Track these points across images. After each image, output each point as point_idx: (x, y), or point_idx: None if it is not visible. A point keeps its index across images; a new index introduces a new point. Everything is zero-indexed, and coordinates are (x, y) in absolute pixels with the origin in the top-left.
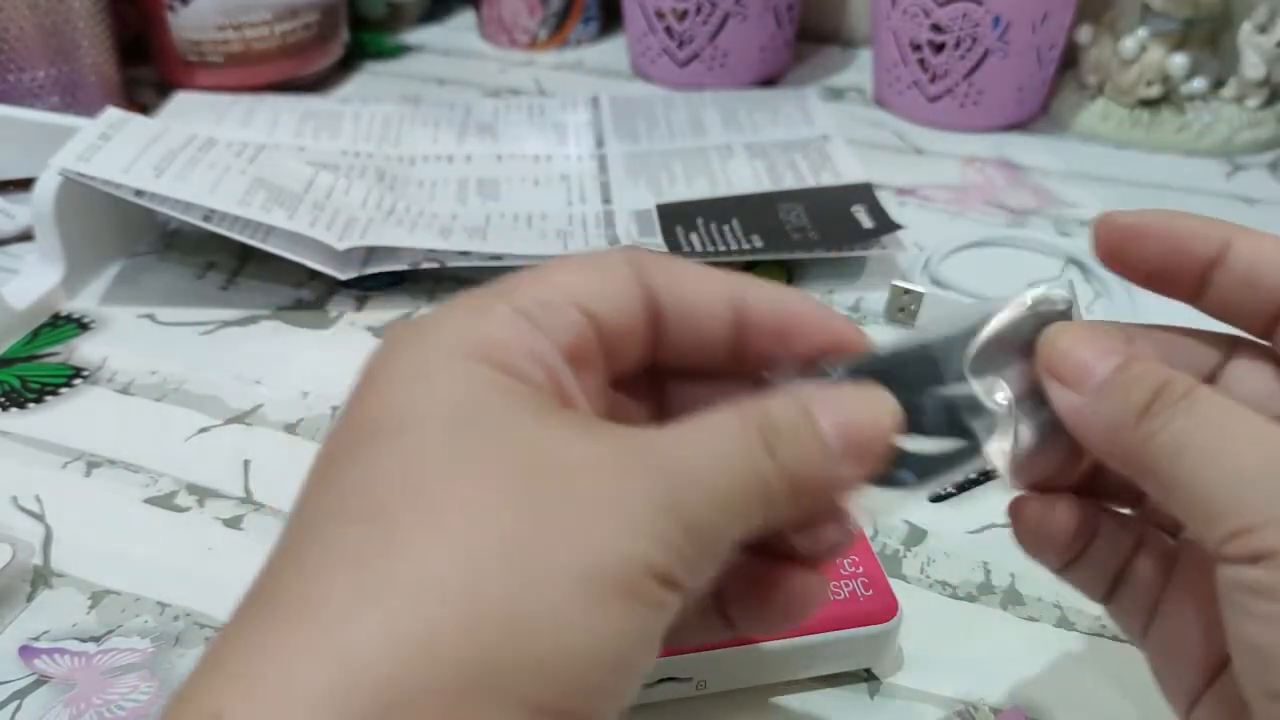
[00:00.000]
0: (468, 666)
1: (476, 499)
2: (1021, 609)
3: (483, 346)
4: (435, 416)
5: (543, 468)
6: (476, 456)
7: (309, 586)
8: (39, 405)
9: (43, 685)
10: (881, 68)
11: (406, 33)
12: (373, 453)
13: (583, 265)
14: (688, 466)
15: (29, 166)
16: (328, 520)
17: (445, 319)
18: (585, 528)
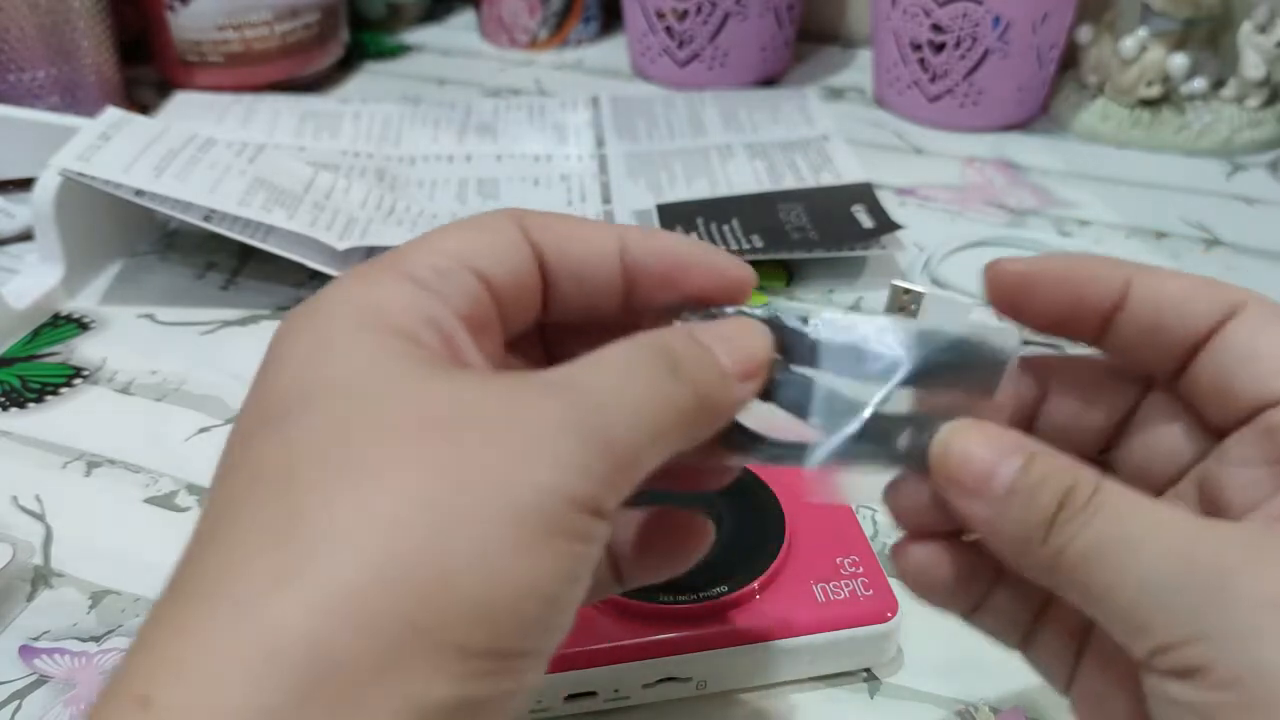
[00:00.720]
0: (393, 621)
1: (388, 459)
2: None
3: (377, 315)
4: (338, 386)
5: (449, 419)
6: (382, 420)
7: (228, 564)
8: (39, 405)
9: (43, 685)
10: (881, 68)
11: (406, 33)
12: (282, 428)
13: (471, 228)
14: (598, 392)
15: (29, 166)
16: (243, 498)
17: (339, 291)
18: (503, 468)
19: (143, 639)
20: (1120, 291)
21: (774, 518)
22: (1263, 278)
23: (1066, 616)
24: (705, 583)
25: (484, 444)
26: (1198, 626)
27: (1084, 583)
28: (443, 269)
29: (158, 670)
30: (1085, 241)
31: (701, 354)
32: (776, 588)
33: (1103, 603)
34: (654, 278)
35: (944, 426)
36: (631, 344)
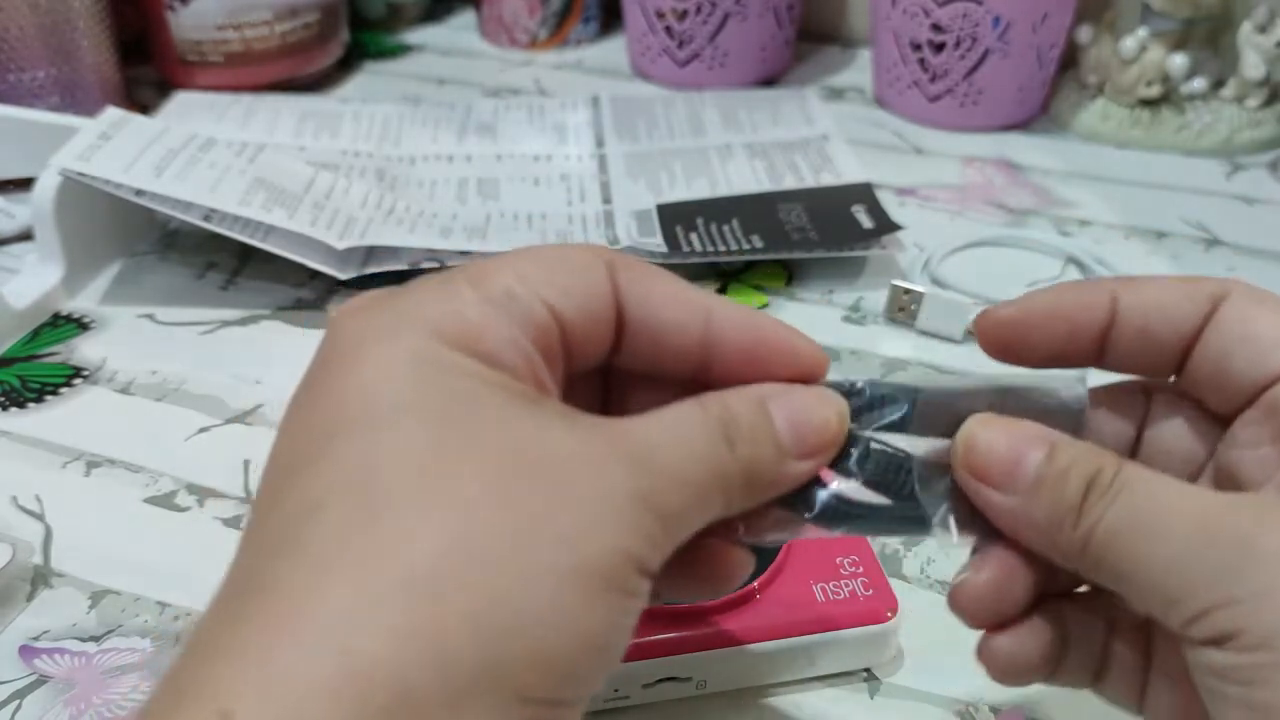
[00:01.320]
0: (469, 662)
1: (469, 494)
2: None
3: (460, 333)
4: (421, 408)
5: (529, 462)
6: (464, 450)
7: (308, 582)
8: (39, 405)
9: (43, 685)
10: (881, 68)
11: (406, 33)
12: (358, 444)
13: (556, 259)
14: (660, 458)
15: (29, 166)
16: (317, 512)
17: (416, 301)
18: (574, 522)
19: (217, 647)
20: (1108, 310)
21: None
22: (1263, 278)
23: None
24: None
25: (559, 493)
26: (1225, 592)
27: (1114, 561)
28: (516, 294)
29: (241, 687)
30: (1085, 241)
31: (762, 426)
32: (776, 588)
33: (1134, 579)
34: (733, 353)
35: (966, 422)
36: (698, 407)
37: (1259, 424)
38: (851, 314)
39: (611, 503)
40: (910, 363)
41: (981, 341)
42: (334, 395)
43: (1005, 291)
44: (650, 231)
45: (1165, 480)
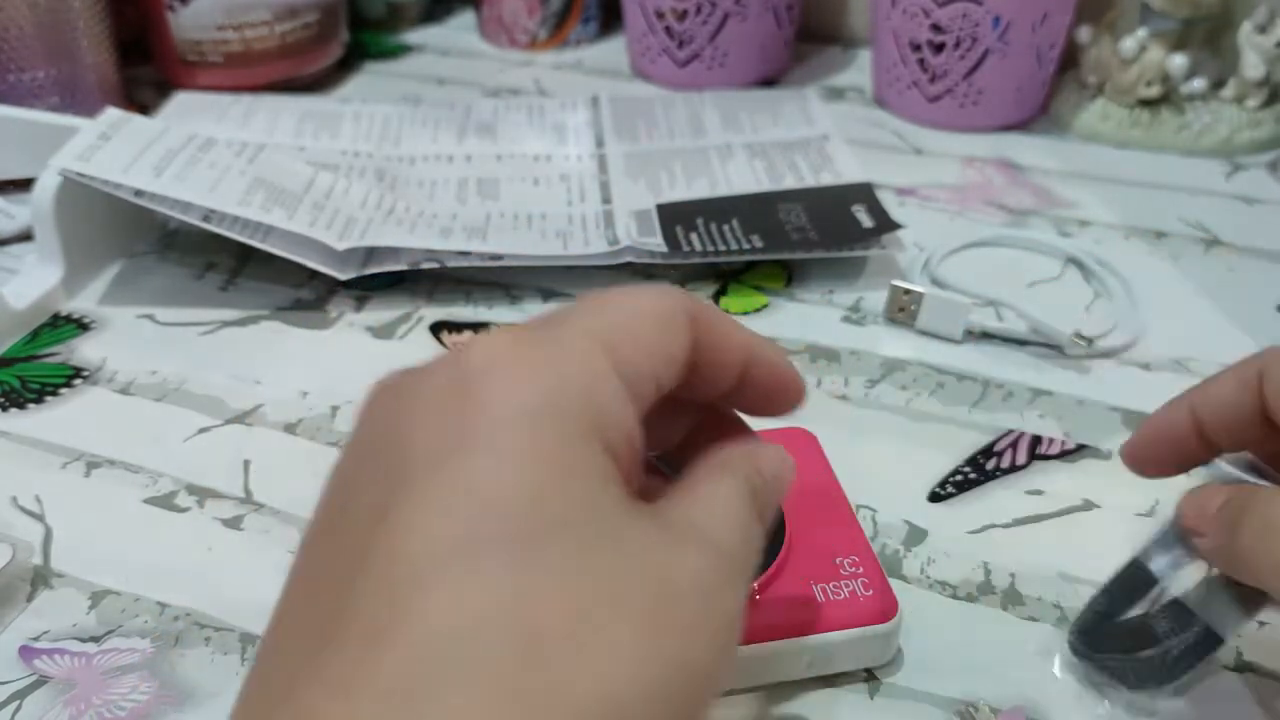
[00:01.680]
0: None
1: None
2: (1021, 609)
3: (595, 424)
4: (572, 522)
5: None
6: (614, 587)
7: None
8: (39, 405)
9: (43, 685)
10: (881, 68)
11: (406, 33)
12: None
13: (659, 323)
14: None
15: (29, 166)
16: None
17: (569, 371)
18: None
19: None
20: (1190, 420)
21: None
22: (1262, 277)
23: None
24: None
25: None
26: None
27: (1260, 567)
28: (641, 371)
29: None
30: (1085, 241)
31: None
32: (776, 588)
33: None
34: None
35: (1184, 496)
36: (742, 492)
37: None
38: (851, 314)
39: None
40: (910, 363)
41: (1130, 467)
42: (454, 491)
43: (1005, 292)
44: (650, 231)
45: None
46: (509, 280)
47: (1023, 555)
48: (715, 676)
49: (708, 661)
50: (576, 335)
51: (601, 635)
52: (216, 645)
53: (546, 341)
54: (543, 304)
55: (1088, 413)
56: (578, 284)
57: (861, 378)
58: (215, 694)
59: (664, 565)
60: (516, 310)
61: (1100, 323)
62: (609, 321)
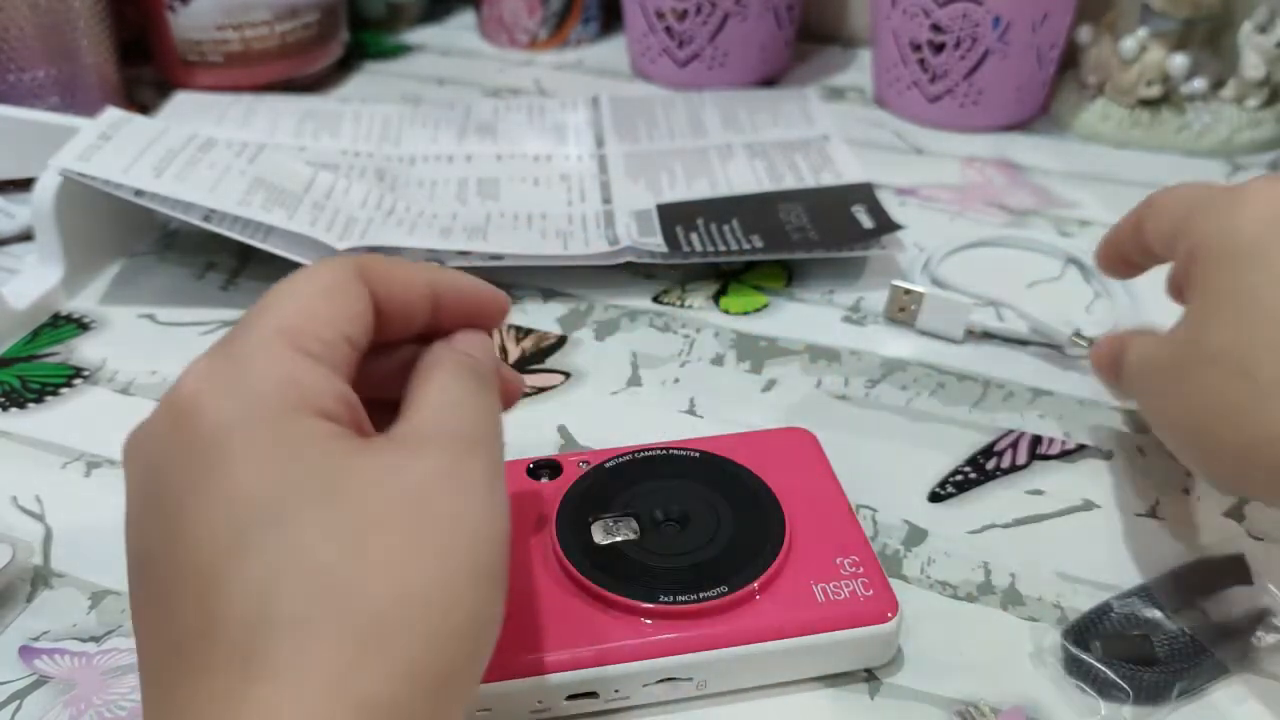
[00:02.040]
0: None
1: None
2: (1021, 609)
3: (300, 400)
4: (305, 493)
5: (404, 512)
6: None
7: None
8: (39, 405)
9: (43, 685)
10: (881, 68)
11: (406, 33)
12: (270, 539)
13: (334, 292)
14: (461, 435)
15: (29, 166)
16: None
17: (255, 375)
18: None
19: None
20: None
21: (774, 518)
22: None
23: None
24: (705, 583)
25: (438, 520)
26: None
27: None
28: (329, 341)
29: None
30: (1085, 242)
31: (489, 363)
32: (776, 588)
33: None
34: (449, 312)
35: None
36: (454, 374)
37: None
38: (851, 314)
39: (467, 526)
40: (910, 363)
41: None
42: (218, 503)
43: (1005, 292)
44: (650, 231)
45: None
46: (509, 280)
47: (1023, 555)
48: (492, 533)
49: (477, 527)
50: (259, 337)
51: (373, 559)
52: None
53: (235, 354)
54: (543, 304)
55: (1088, 413)
56: (578, 284)
57: (861, 378)
58: None
59: (404, 475)
60: (517, 310)
61: (1100, 323)
62: (285, 311)
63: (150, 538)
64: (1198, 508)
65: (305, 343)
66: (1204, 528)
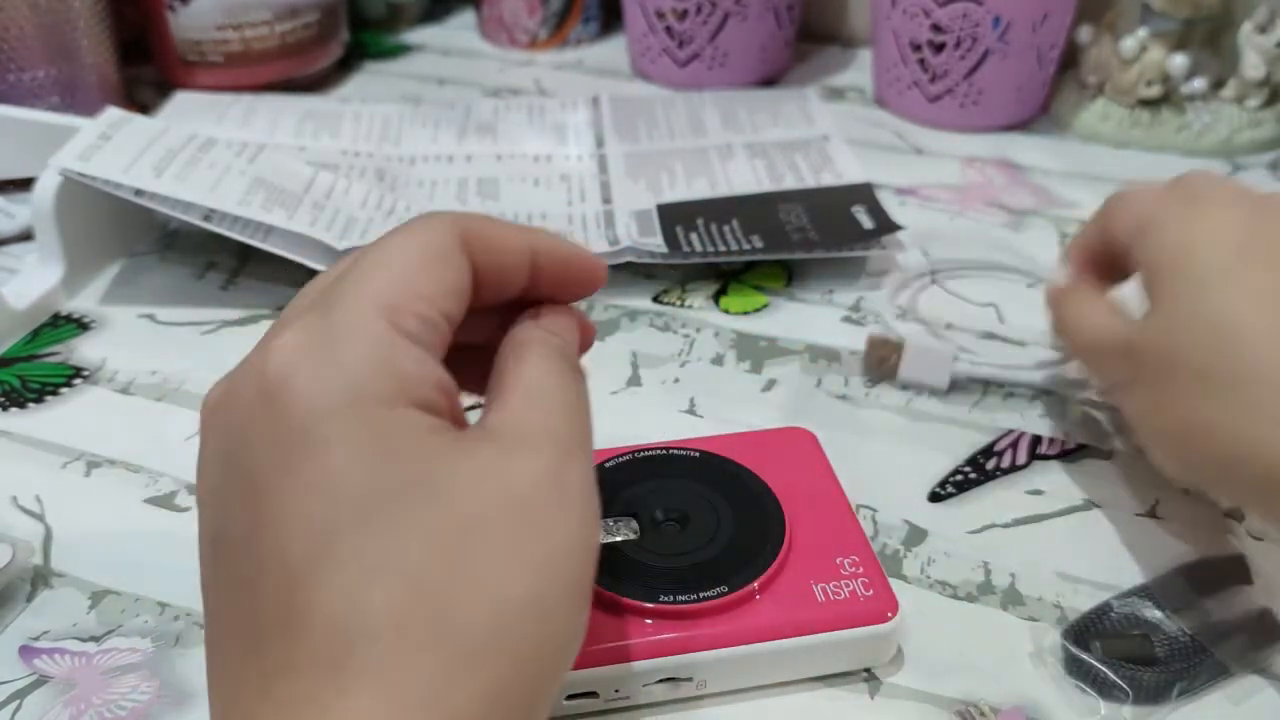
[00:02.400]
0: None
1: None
2: (1021, 609)
3: (396, 391)
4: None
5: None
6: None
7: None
8: (39, 405)
9: (43, 685)
10: (881, 68)
11: (406, 33)
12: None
13: (433, 262)
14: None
15: (29, 166)
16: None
17: (350, 357)
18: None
19: None
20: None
21: (774, 518)
22: None
23: None
24: (705, 583)
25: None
26: None
27: None
28: (429, 320)
29: None
30: None
31: (573, 343)
32: (776, 588)
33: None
34: (548, 277)
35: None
36: (545, 359)
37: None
38: (852, 314)
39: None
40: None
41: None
42: (311, 495)
43: (1004, 295)
44: (650, 231)
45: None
46: None
47: (1023, 555)
48: (586, 546)
49: (574, 540)
50: (357, 312)
51: (471, 570)
52: None
53: (331, 331)
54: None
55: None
56: None
57: (862, 378)
58: None
59: (505, 479)
60: None
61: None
62: (382, 281)
63: (231, 516)
64: (1198, 508)
65: (404, 321)
66: (1204, 528)
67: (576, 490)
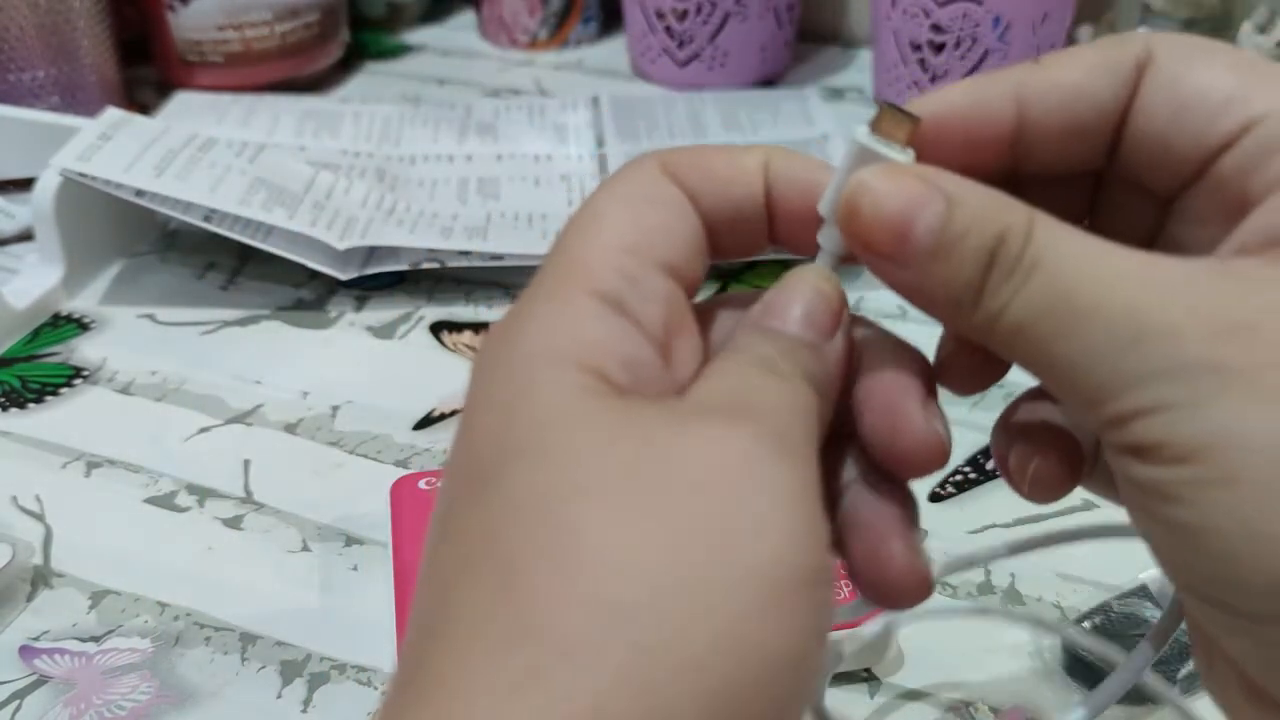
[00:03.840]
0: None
1: (609, 543)
2: (1021, 609)
3: (577, 350)
4: (533, 447)
5: (669, 491)
6: (597, 490)
7: (455, 668)
8: (39, 405)
9: (43, 685)
10: (881, 68)
11: (406, 33)
12: (486, 495)
13: (640, 203)
14: (776, 422)
15: (29, 166)
16: (457, 580)
17: (532, 319)
18: (723, 544)
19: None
20: (1013, 115)
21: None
22: None
23: None
24: None
25: (705, 525)
26: (1152, 396)
27: (1024, 352)
28: (632, 274)
29: None
30: None
31: (790, 343)
32: None
33: (1048, 372)
34: (794, 204)
35: (860, 172)
36: (738, 368)
37: (1206, 199)
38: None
39: (770, 508)
40: None
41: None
42: (461, 444)
43: None
44: None
45: (1084, 250)
46: (509, 280)
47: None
48: (790, 564)
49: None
50: (549, 277)
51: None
52: (216, 645)
53: (526, 297)
54: None
55: None
56: None
57: None
58: (215, 694)
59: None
60: None
61: None
62: (576, 241)
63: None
64: None
65: (599, 282)
66: None
67: (772, 489)
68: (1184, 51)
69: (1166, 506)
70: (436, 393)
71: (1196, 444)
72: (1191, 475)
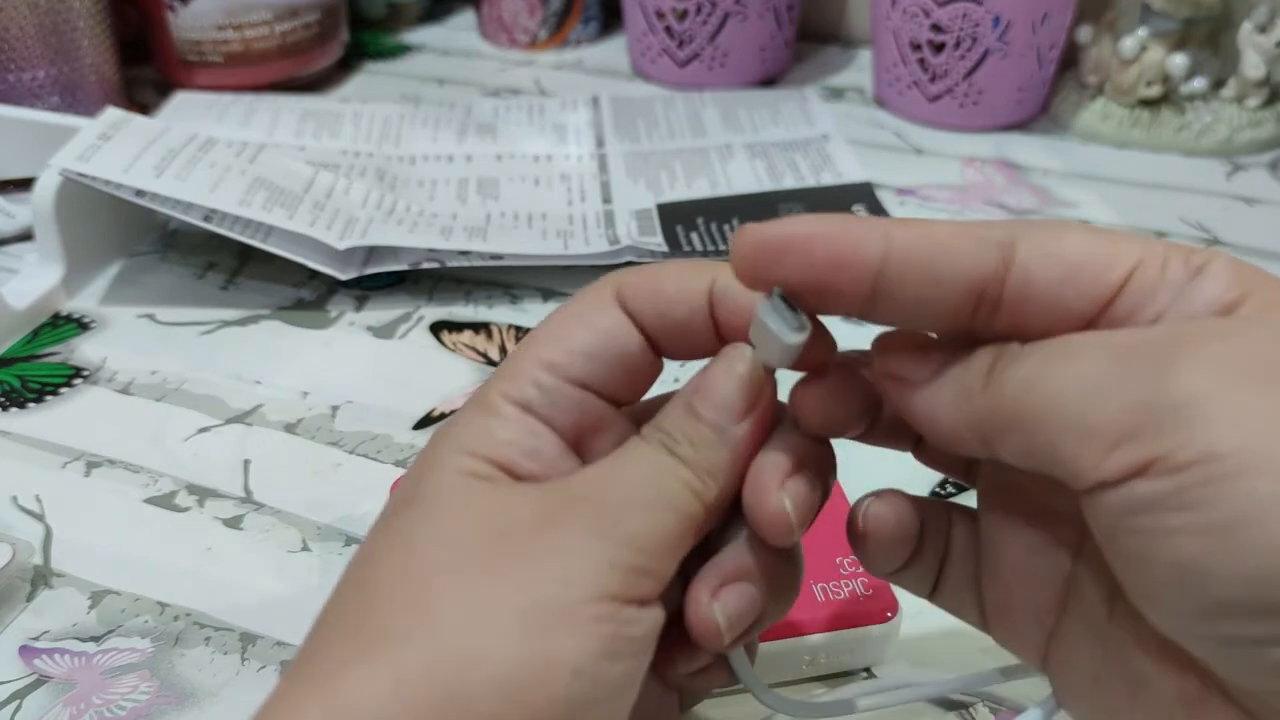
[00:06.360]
0: (435, 699)
1: (441, 571)
2: None
3: (479, 444)
4: (424, 504)
5: (496, 533)
6: (447, 539)
7: (315, 647)
8: (39, 405)
9: (43, 685)
10: (881, 68)
11: (406, 33)
12: (376, 527)
13: (577, 329)
14: (616, 497)
15: (29, 166)
16: (339, 587)
17: (462, 417)
18: (533, 573)
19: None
20: (882, 248)
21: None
22: None
23: (962, 541)
24: None
25: (519, 556)
26: (1145, 411)
27: (1027, 407)
28: (546, 386)
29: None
30: None
31: (691, 423)
32: None
33: (1049, 419)
34: (737, 313)
35: (880, 335)
36: (638, 440)
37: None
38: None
39: (569, 550)
40: None
41: (736, 265)
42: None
43: None
44: (651, 231)
45: (1076, 334)
46: (509, 280)
47: None
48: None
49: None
50: (495, 382)
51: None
52: (216, 645)
53: (478, 400)
54: (543, 304)
55: None
56: (578, 283)
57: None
58: (215, 694)
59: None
60: (517, 310)
61: None
62: (520, 355)
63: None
64: None
65: (520, 392)
66: None
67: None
68: (1047, 228)
69: (1187, 516)
70: (436, 393)
71: (1204, 446)
72: (1204, 474)
